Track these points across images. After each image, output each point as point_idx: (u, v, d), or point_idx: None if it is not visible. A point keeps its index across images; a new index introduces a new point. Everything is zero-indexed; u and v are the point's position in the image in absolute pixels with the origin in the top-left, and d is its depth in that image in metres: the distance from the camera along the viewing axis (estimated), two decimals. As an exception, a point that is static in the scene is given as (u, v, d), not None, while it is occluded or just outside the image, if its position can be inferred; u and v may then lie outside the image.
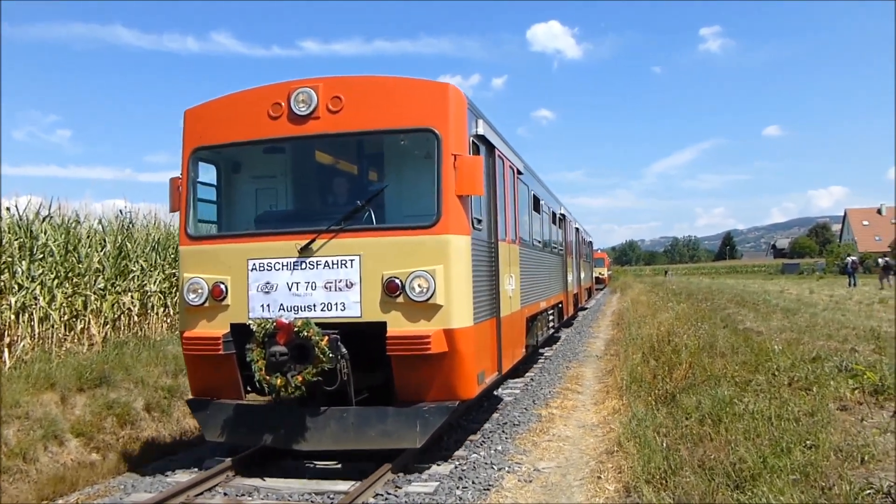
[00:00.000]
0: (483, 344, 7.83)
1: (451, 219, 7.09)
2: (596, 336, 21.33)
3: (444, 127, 7.21)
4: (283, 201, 8.82)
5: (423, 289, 6.91)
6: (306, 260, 7.22)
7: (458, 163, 7.16)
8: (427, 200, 7.29)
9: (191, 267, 7.66)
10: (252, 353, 6.95)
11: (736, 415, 7.60)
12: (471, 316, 7.31)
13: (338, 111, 7.40)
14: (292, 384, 6.75)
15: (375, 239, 7.20)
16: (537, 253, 13.45)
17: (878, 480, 5.54)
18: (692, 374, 10.01)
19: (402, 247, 7.08)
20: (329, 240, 7.22)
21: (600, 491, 6.38)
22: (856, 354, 11.66)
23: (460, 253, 7.17)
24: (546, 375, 13.56)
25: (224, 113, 7.91)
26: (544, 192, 15.78)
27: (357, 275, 7.10)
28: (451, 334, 6.97)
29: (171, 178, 8.02)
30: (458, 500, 6.39)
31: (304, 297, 7.19)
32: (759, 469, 5.79)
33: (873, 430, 7.09)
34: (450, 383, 7.09)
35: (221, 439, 7.48)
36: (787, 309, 23.02)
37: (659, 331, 14.82)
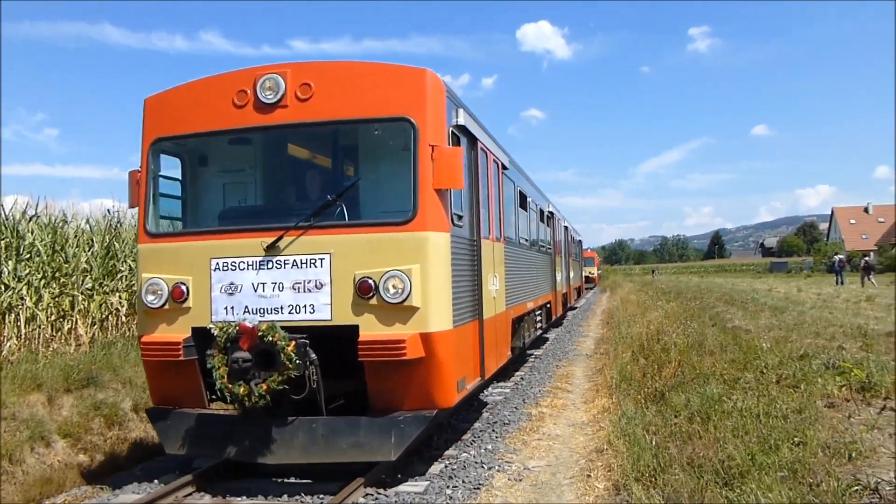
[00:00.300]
0: (464, 348, 7.44)
1: (429, 214, 6.65)
2: (586, 335, 21.37)
3: (420, 116, 6.77)
4: (252, 196, 8.38)
5: (398, 290, 6.47)
6: (273, 259, 6.77)
7: (436, 154, 6.70)
8: (403, 195, 6.84)
9: (150, 266, 7.20)
10: (213, 359, 6.53)
11: (725, 412, 7.63)
12: (450, 319, 6.87)
13: (307, 99, 6.95)
14: (256, 393, 6.33)
15: (347, 236, 6.76)
16: (524, 251, 13.09)
17: (866, 477, 5.58)
18: (681, 372, 10.05)
19: (375, 245, 6.64)
20: (297, 237, 6.77)
21: (590, 489, 6.39)
22: (843, 352, 11.74)
23: (439, 251, 6.74)
24: (536, 374, 13.57)
25: (186, 101, 7.43)
26: (532, 188, 15.34)
27: (327, 275, 6.66)
28: (428, 338, 6.54)
29: (130, 172, 7.56)
30: (448, 500, 6.38)
31: (271, 299, 6.74)
32: (748, 466, 5.82)
33: (860, 426, 7.14)
34: (427, 391, 6.66)
35: (182, 451, 7.03)
36: (776, 307, 23.16)
37: (648, 329, 14.88)
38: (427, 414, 6.61)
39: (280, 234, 6.76)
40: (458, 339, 7.14)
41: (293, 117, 7.01)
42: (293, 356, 6.33)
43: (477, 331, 8.11)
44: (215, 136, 7.46)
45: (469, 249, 7.90)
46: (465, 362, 7.43)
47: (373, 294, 6.51)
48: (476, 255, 8.18)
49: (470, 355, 7.77)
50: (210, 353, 6.60)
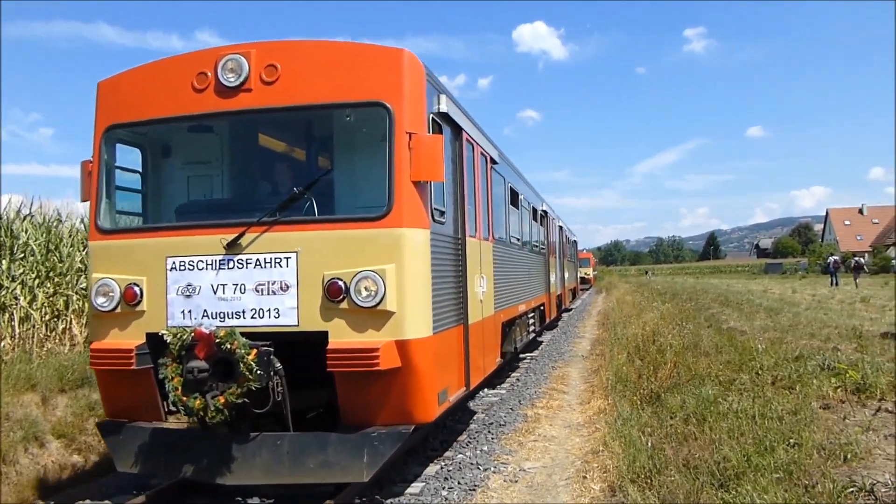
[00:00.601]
0: (446, 356, 6.85)
1: (406, 209, 6.06)
2: (581, 336, 21.39)
3: (396, 100, 6.19)
4: (219, 190, 7.71)
5: (371, 292, 5.89)
6: (234, 258, 6.19)
7: (414, 143, 6.13)
8: (377, 187, 6.28)
9: (101, 266, 6.60)
10: (166, 369, 5.92)
11: (720, 414, 7.64)
12: (429, 324, 6.31)
13: (273, 82, 6.38)
14: (212, 406, 5.72)
15: (315, 233, 6.18)
16: (515, 251, 12.56)
17: (861, 478, 5.59)
18: (677, 373, 10.07)
19: (346, 242, 6.07)
20: (261, 234, 6.20)
21: (586, 490, 6.39)
22: (838, 353, 11.77)
23: (416, 249, 6.16)
24: (532, 375, 13.58)
25: (142, 85, 6.80)
26: (524, 185, 14.74)
27: (293, 276, 6.09)
28: (404, 346, 5.96)
29: (83, 163, 6.95)
30: (443, 501, 6.38)
31: (232, 302, 6.16)
32: (744, 468, 5.83)
33: (856, 428, 7.16)
34: (404, 404, 6.09)
35: (135, 470, 6.38)
36: (771, 308, 23.21)
37: (644, 331, 14.89)
38: (404, 430, 6.03)
39: (242, 230, 6.19)
40: (439, 346, 6.60)
41: (258, 102, 6.42)
42: (254, 366, 5.72)
43: (461, 337, 7.57)
44: (173, 122, 6.86)
45: (452, 248, 7.37)
46: (447, 372, 6.88)
47: (343, 297, 5.96)
48: (461, 255, 7.63)
49: (453, 364, 7.21)
50: (163, 362, 6.01)
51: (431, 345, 6.31)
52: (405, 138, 6.14)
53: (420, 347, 6.11)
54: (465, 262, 7.67)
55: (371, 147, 6.75)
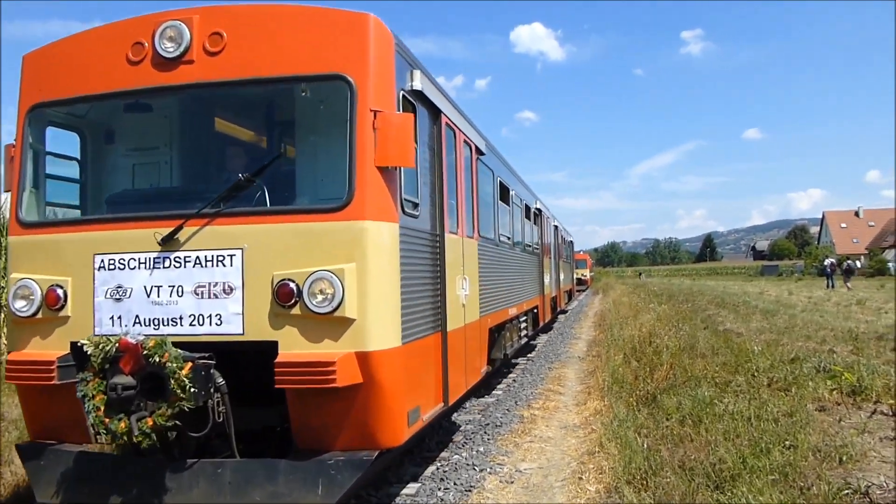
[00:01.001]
0: (418, 369, 6.09)
1: (369, 199, 5.28)
2: (578, 337, 21.40)
3: (359, 73, 5.40)
4: (165, 179, 6.84)
5: (327, 296, 5.13)
6: (170, 255, 5.42)
7: (380, 122, 5.34)
8: (336, 174, 5.52)
9: (21, 265, 5.82)
10: (86, 385, 5.07)
11: (716, 415, 7.66)
12: (397, 332, 5.53)
13: (218, 52, 5.60)
14: (137, 430, 4.91)
15: (264, 227, 5.40)
16: (505, 251, 11.74)
17: (857, 480, 5.61)
18: (673, 374, 10.09)
19: (299, 238, 5.31)
20: (201, 227, 5.42)
21: (582, 492, 6.39)
22: (834, 355, 11.80)
23: (382, 246, 5.40)
24: (528, 377, 13.57)
25: (72, 58, 5.99)
26: (515, 181, 13.85)
27: (238, 276, 5.32)
28: (366, 359, 5.19)
29: (6, 146, 6.18)
30: (439, 502, 6.37)
31: (168, 307, 5.39)
32: (739, 469, 5.84)
33: (851, 430, 7.18)
34: (367, 426, 5.33)
35: (56, 501, 5.49)
36: (767, 310, 23.26)
37: (640, 332, 14.93)
38: (366, 457, 5.22)
39: (179, 223, 5.40)
40: (410, 358, 5.81)
41: (200, 76, 5.63)
42: (186, 382, 4.91)
43: (439, 346, 6.78)
44: (105, 100, 6.02)
45: (429, 246, 6.60)
46: (420, 387, 6.13)
47: (295, 301, 5.18)
48: (438, 253, 6.85)
49: (428, 377, 6.46)
50: (83, 378, 5.14)
51: (399, 357, 5.54)
52: (369, 117, 5.34)
53: (385, 360, 5.32)
54: (443, 261, 6.90)
55: (330, 127, 5.93)
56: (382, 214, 5.43)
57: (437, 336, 6.74)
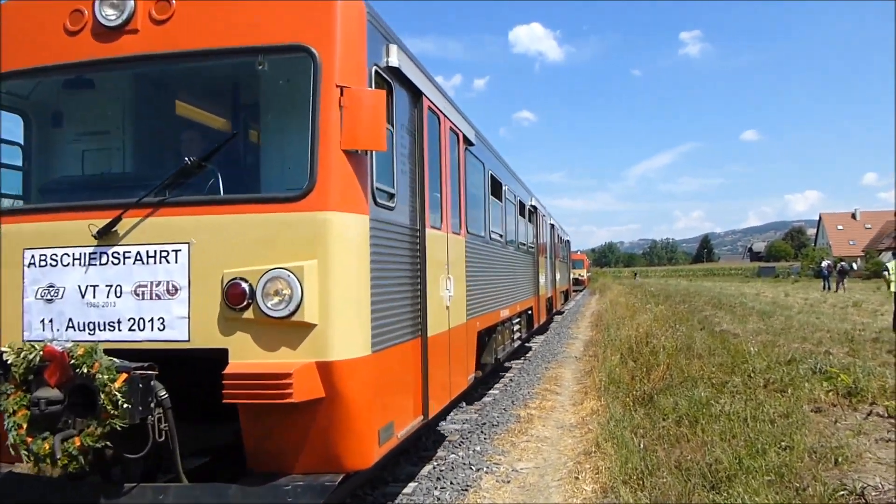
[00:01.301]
0: (392, 380, 5.50)
1: (334, 187, 4.69)
2: (575, 337, 21.42)
3: (324, 44, 4.82)
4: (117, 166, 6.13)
5: (284, 298, 4.54)
6: (108, 251, 4.80)
7: (347, 100, 4.74)
8: (298, 159, 4.92)
9: None
10: (6, 399, 4.47)
11: (712, 416, 7.67)
12: (366, 339, 4.93)
13: (166, 20, 5.03)
14: (61, 451, 4.29)
15: (214, 218, 4.80)
16: (497, 249, 11.14)
17: (852, 482, 5.62)
18: (670, 375, 10.10)
19: (253, 231, 4.72)
20: (143, 219, 4.82)
21: (578, 491, 6.39)
22: (830, 357, 11.83)
23: (348, 241, 4.79)
24: (525, 376, 13.58)
25: (6, 29, 5.41)
26: (509, 176, 13.15)
27: (184, 274, 4.73)
28: (329, 370, 4.60)
29: None
30: (436, 501, 6.37)
31: (105, 310, 4.78)
32: (735, 470, 5.85)
33: (847, 431, 7.20)
34: (330, 447, 4.75)
35: None
36: (763, 312, 23.31)
37: (637, 332, 14.94)
38: (328, 482, 4.64)
39: (118, 213, 4.80)
40: (383, 368, 5.22)
41: (146, 47, 5.04)
42: (118, 396, 4.26)
43: (418, 353, 6.22)
44: (39, 76, 5.42)
45: (407, 242, 6.02)
46: (394, 400, 5.53)
47: (248, 303, 4.59)
48: (419, 250, 6.29)
49: (405, 388, 5.87)
50: (2, 391, 4.53)
51: (368, 367, 4.92)
52: (334, 94, 4.75)
53: (351, 371, 4.72)
54: (424, 259, 6.32)
55: (292, 105, 5.29)
56: (350, 205, 4.83)
57: (415, 342, 6.15)
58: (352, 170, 4.85)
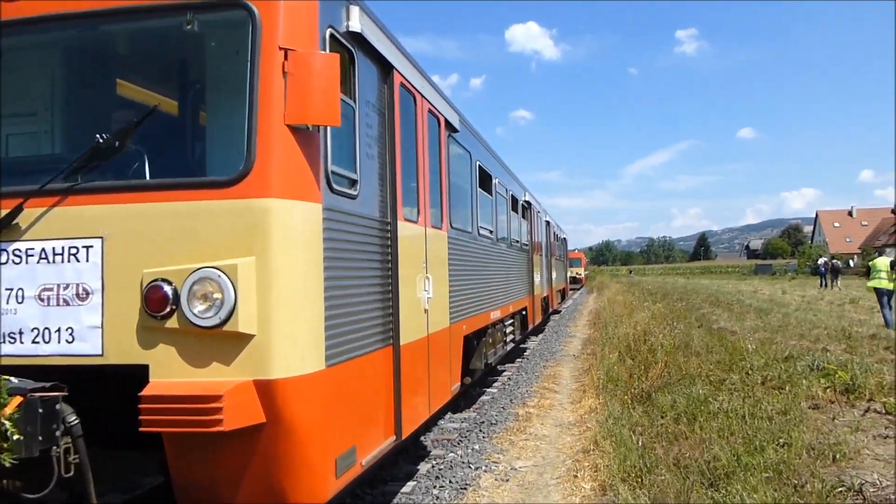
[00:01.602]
0: (354, 398, 4.72)
1: (276, 169, 3.95)
2: (573, 335, 21.43)
3: None
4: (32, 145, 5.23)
5: (214, 303, 3.80)
6: (8, 248, 4.07)
7: (293, 64, 4.00)
8: (234, 136, 4.13)
9: None
10: None
11: (710, 413, 7.68)
12: (319, 352, 4.17)
13: None
14: None
15: (131, 207, 4.03)
16: (487, 247, 10.43)
17: (850, 478, 5.64)
18: (668, 373, 10.12)
19: (177, 222, 3.97)
20: (49, 209, 4.07)
21: (577, 489, 6.40)
22: (827, 354, 11.86)
23: (294, 234, 4.04)
24: (523, 375, 13.59)
25: None
26: (500, 168, 12.32)
27: (97, 275, 3.98)
28: (270, 391, 3.84)
29: None
30: (435, 500, 6.37)
31: (5, 318, 4.05)
32: (733, 467, 5.86)
33: (845, 428, 7.21)
34: (274, 480, 3.99)
35: None
36: (761, 309, 23.35)
37: (635, 330, 14.97)
38: None
39: (18, 201, 4.06)
40: (341, 384, 4.47)
41: (48, 6, 4.35)
42: (7, 426, 3.44)
43: (389, 364, 5.47)
44: None
45: (374, 236, 5.26)
46: (356, 421, 4.77)
47: (171, 310, 3.85)
48: (389, 246, 5.54)
49: (370, 407, 5.09)
50: None
51: (322, 385, 4.17)
52: (277, 58, 4.02)
53: (299, 390, 3.97)
54: (396, 256, 5.57)
55: (228, 73, 4.54)
56: (296, 190, 4.07)
57: (385, 352, 5.38)
58: (299, 149, 4.11)
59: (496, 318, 10.82)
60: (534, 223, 17.50)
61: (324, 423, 4.17)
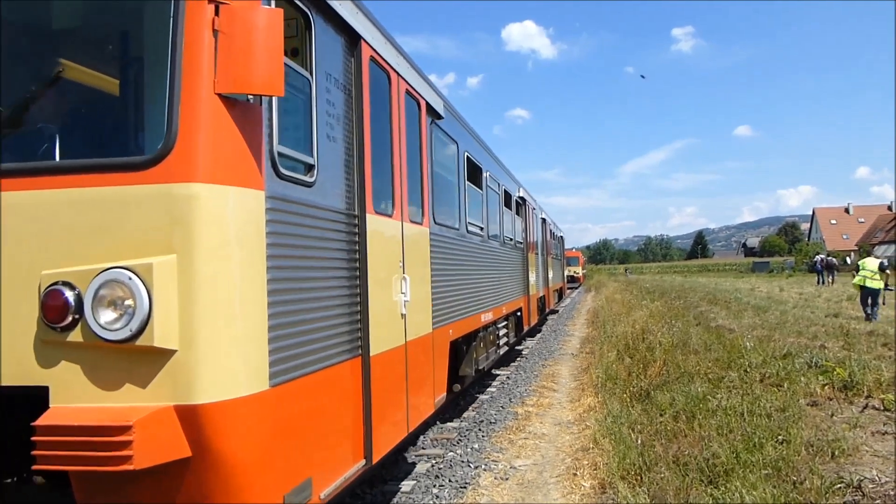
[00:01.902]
0: (309, 421, 4.02)
1: (203, 147, 3.27)
2: (571, 334, 21.44)
3: None
4: None
5: (125, 311, 3.16)
6: None
7: (225, 21, 3.32)
8: (154, 108, 3.49)
9: None
10: None
11: (709, 411, 7.70)
12: (260, 369, 3.48)
13: None
14: None
15: (28, 195, 3.34)
16: (476, 244, 9.69)
17: (849, 475, 5.65)
18: (666, 371, 10.14)
19: (84, 213, 3.28)
20: None
21: (576, 488, 6.41)
22: (825, 351, 11.89)
23: (227, 226, 3.36)
24: (522, 374, 13.60)
25: None
26: (490, 161, 11.55)
27: None
28: (196, 418, 3.18)
29: None
30: (434, 499, 6.37)
31: None
32: (732, 464, 5.88)
33: (843, 425, 7.23)
34: None
35: None
36: (758, 307, 23.38)
37: (633, 328, 14.98)
38: None
39: None
40: (291, 406, 3.78)
41: None
42: None
43: (357, 377, 4.77)
44: None
45: (337, 230, 4.60)
46: (312, 448, 4.05)
47: (74, 320, 3.18)
48: (357, 242, 4.88)
49: (332, 429, 4.40)
50: None
51: (264, 408, 3.48)
52: (205, 12, 3.31)
53: (234, 417, 3.28)
54: (364, 253, 4.92)
55: (146, 32, 3.87)
56: (231, 174, 3.37)
57: (352, 364, 4.70)
58: (234, 124, 3.39)
59: (488, 321, 10.19)
60: (529, 220, 16.87)
61: (266, 456, 3.46)
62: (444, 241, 7.61)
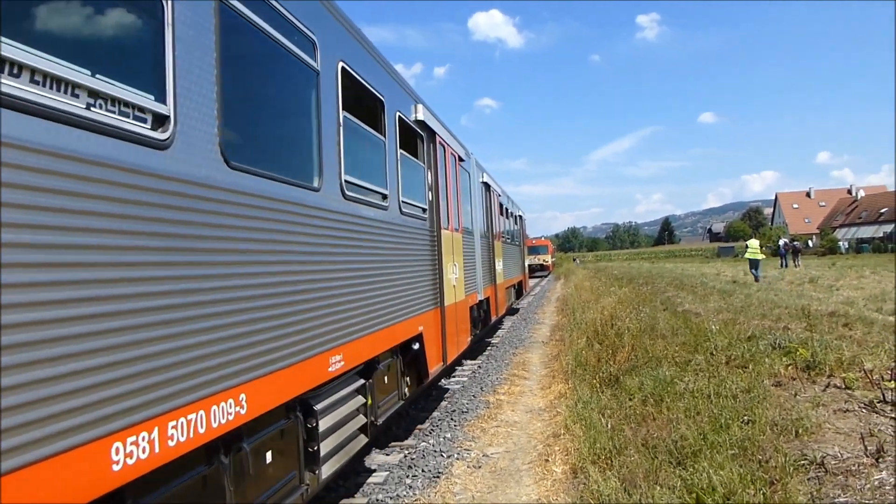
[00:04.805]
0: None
1: None
2: (541, 322, 21.57)
3: None
4: None
5: None
6: None
7: None
8: None
9: None
10: None
11: (677, 394, 7.81)
12: None
13: None
14: None
15: None
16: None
17: (812, 452, 5.78)
18: (635, 356, 10.25)
19: None
20: None
21: (548, 473, 6.46)
22: (788, 332, 12.12)
23: None
24: (493, 362, 13.65)
25: None
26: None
27: None
28: None
29: None
30: (408, 489, 6.38)
31: None
32: (700, 445, 5.97)
33: (806, 404, 7.38)
34: None
35: None
36: (724, 290, 23.75)
37: (602, 315, 15.10)
38: None
39: None
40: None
41: None
42: None
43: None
44: None
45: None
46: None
47: None
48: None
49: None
50: None
51: None
52: None
53: None
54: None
55: None
56: None
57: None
58: None
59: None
60: (452, 180, 10.62)
61: None
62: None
